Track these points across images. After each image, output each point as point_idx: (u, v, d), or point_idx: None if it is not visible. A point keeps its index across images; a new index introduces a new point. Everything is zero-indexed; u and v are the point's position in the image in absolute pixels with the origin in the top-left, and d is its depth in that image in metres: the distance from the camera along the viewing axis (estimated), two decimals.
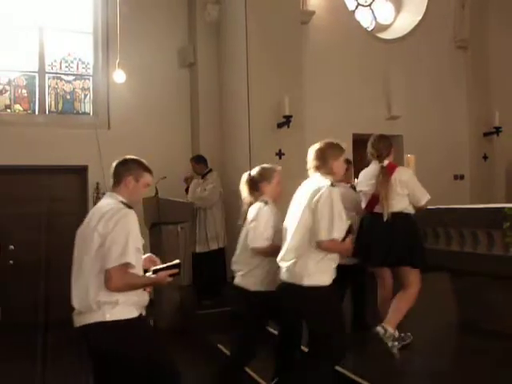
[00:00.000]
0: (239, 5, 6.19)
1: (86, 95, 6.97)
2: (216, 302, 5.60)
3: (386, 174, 3.72)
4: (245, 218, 3.59)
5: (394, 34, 8.12)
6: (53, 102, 6.79)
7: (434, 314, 4.80)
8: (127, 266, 2.64)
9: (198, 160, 6.22)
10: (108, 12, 6.60)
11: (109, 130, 6.83)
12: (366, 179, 3.97)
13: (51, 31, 6.73)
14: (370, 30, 8.16)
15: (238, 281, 3.50)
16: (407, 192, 3.70)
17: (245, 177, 3.74)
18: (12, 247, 6.40)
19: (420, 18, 8.08)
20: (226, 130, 6.97)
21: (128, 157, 2.98)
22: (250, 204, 3.59)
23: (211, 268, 5.86)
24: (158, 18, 6.94)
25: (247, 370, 3.84)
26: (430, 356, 3.80)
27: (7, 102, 6.58)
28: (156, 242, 5.59)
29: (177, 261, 2.87)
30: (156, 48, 6.93)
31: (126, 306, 2.66)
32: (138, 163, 2.93)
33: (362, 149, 7.12)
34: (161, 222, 5.43)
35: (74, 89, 6.90)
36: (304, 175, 6.36)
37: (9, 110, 6.59)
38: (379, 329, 3.56)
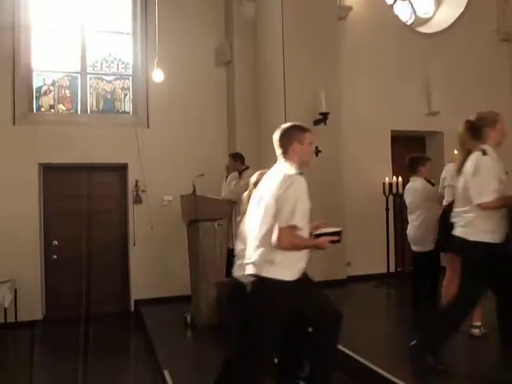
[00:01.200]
0: (276, 1, 6.27)
1: (125, 94, 7.08)
2: None
3: None
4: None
5: (433, 28, 7.93)
6: (94, 102, 6.94)
7: None
8: (294, 227, 2.79)
9: (236, 157, 6.25)
10: (147, 12, 6.74)
11: (148, 129, 6.94)
12: (452, 173, 4.00)
13: (92, 32, 6.90)
14: (409, 24, 7.99)
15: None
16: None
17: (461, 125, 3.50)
18: (56, 243, 6.62)
19: (461, 10, 7.87)
20: (262, 128, 6.82)
21: (285, 126, 3.07)
22: (468, 153, 3.41)
23: None
24: (196, 17, 7.00)
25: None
26: None
27: (51, 102, 6.77)
28: (193, 239, 5.64)
29: (339, 228, 2.96)
30: (193, 47, 7.01)
31: (283, 268, 2.81)
32: (295, 128, 3.03)
33: (402, 146, 7.32)
34: (198, 219, 5.43)
35: (114, 88, 7.03)
36: (342, 172, 6.43)
37: (53, 110, 6.78)
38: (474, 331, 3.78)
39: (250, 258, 2.98)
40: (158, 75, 5.84)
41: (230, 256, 5.46)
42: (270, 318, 2.88)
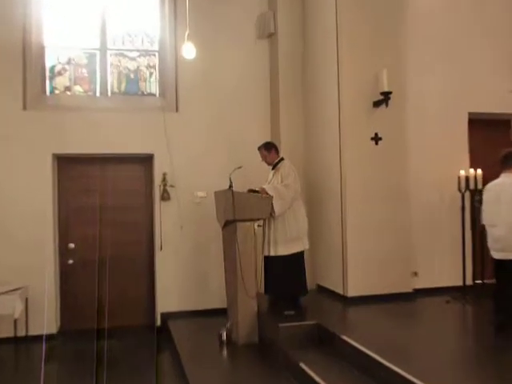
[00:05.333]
0: None
1: (151, 74, 7.13)
2: (298, 313, 5.60)
3: None
4: None
5: None
6: (115, 82, 7.01)
7: None
8: None
9: (268, 147, 6.17)
10: None
11: (177, 113, 6.96)
12: None
13: (114, 4, 6.95)
14: None
15: None
16: None
17: None
18: (72, 245, 6.75)
19: None
20: (310, 112, 6.96)
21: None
22: None
23: (291, 274, 5.88)
24: None
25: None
26: None
27: (66, 83, 6.87)
28: (230, 242, 5.67)
29: None
30: (230, 17, 7.03)
31: None
32: None
33: (482, 131, 6.80)
34: (236, 219, 5.44)
35: (138, 67, 7.09)
36: (407, 163, 6.17)
37: (68, 93, 6.87)
38: None
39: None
40: (188, 50, 5.83)
41: (271, 265, 5.92)
42: None
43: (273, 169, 6.17)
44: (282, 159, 6.15)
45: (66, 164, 6.75)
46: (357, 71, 6.09)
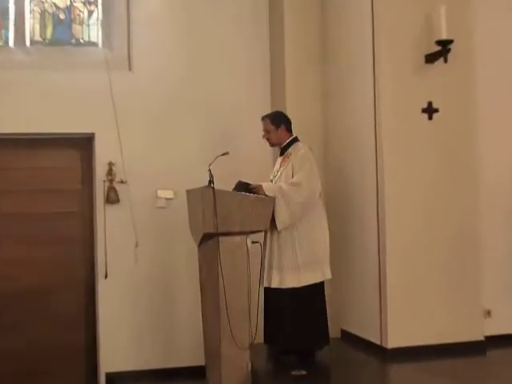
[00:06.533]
0: None
1: (91, 13, 7.02)
2: (313, 374, 5.53)
3: None
4: None
5: None
6: (37, 26, 6.87)
7: None
8: None
9: (277, 119, 6.04)
10: None
11: (130, 73, 6.88)
12: None
13: None
14: None
15: None
16: None
17: None
18: None
19: None
20: (331, 74, 6.92)
21: None
22: None
23: (303, 316, 5.76)
24: None
25: None
26: None
27: None
28: (210, 266, 5.58)
29: None
30: None
31: None
32: None
33: None
34: (219, 232, 5.34)
35: (71, 3, 6.97)
36: (474, 146, 6.41)
37: None
38: None
39: None
40: None
41: (273, 302, 5.94)
42: None
43: (281, 154, 6.06)
44: (296, 140, 6.03)
45: None
46: (400, 11, 5.98)
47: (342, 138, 6.76)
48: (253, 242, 5.65)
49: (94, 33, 7.03)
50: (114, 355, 6.67)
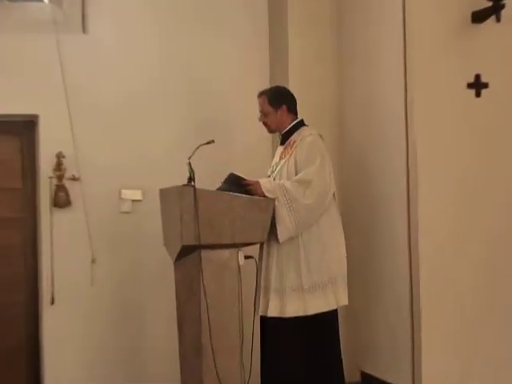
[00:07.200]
0: None
1: None
2: None
3: None
4: None
5: None
6: None
7: None
8: None
9: (277, 98, 5.91)
10: None
11: (84, 36, 6.80)
12: None
13: None
14: None
15: None
16: None
17: None
18: None
19: None
20: (347, 37, 6.91)
21: None
22: None
23: (311, 353, 5.69)
24: None
25: None
26: None
27: None
28: (189, 288, 5.53)
29: None
30: None
31: None
32: None
33: None
34: (201, 244, 5.27)
35: None
36: None
37: None
38: None
39: None
40: None
41: (271, 335, 5.99)
42: None
43: (282, 143, 5.95)
44: (301, 124, 5.90)
45: None
46: None
47: (363, 122, 6.67)
48: (246, 258, 5.59)
49: None
50: None
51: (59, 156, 6.55)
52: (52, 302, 6.56)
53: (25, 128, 6.79)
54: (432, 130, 5.82)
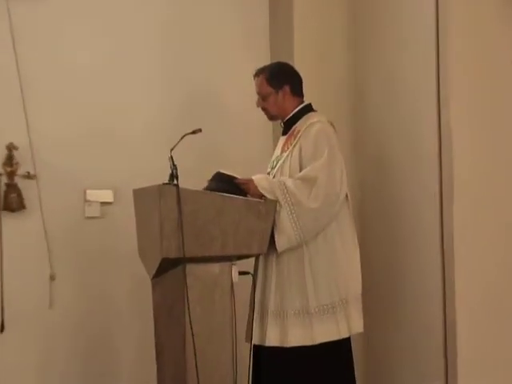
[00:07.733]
0: None
1: None
2: None
3: None
4: None
5: None
6: None
7: None
8: None
9: (277, 78, 5.76)
10: None
11: (41, 2, 6.66)
12: None
13: None
14: None
15: None
16: None
17: None
18: None
19: None
20: (367, 15, 6.85)
21: None
22: None
23: None
24: None
25: None
26: None
27: None
28: (169, 309, 5.46)
29: None
30: None
31: None
32: None
33: None
34: (185, 257, 5.13)
35: None
36: None
37: None
38: None
39: None
40: None
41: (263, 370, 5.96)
42: None
43: (285, 133, 5.78)
44: (308, 110, 5.74)
45: None
46: None
47: (384, 109, 6.57)
48: (240, 274, 5.47)
49: None
50: None
51: (10, 148, 6.46)
52: (1, 329, 6.52)
53: None
54: (472, 120, 5.70)
